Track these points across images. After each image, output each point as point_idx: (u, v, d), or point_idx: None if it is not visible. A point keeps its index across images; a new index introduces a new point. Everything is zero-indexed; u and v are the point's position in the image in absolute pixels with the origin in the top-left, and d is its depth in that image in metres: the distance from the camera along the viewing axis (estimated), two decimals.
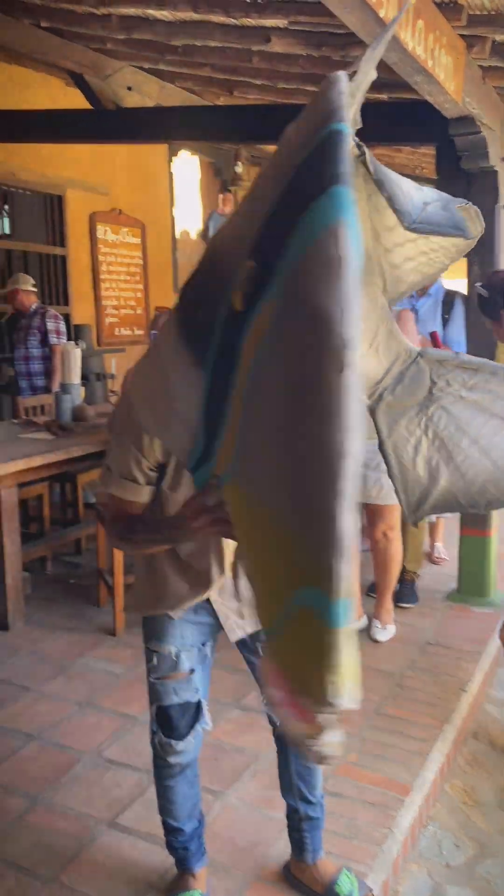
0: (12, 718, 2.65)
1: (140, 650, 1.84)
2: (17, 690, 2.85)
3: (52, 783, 2.29)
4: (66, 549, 4.40)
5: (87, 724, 2.63)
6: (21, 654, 3.15)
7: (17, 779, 2.31)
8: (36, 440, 3.65)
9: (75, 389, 4.06)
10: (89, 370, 6.29)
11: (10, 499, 3.31)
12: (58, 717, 2.66)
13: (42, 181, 6.58)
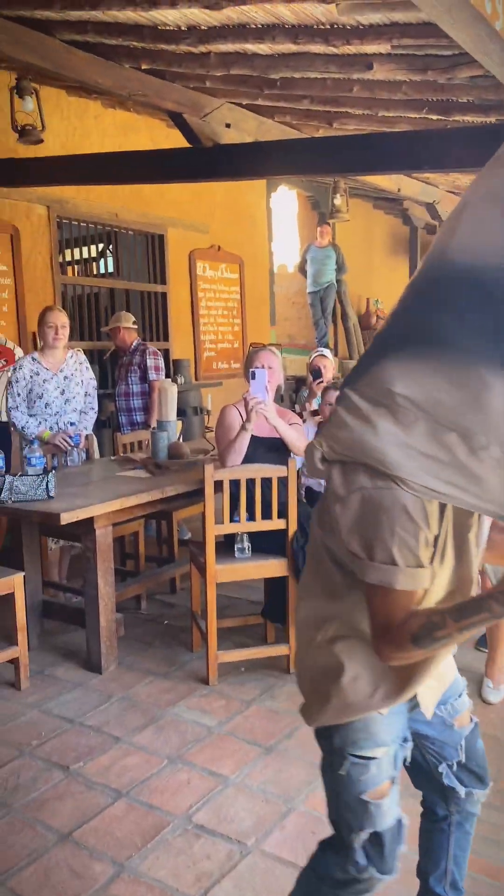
0: (102, 772, 2.55)
1: (234, 702, 1.69)
2: (107, 740, 2.76)
3: (139, 848, 2.16)
4: (161, 588, 4.33)
5: (177, 781, 2.49)
6: (113, 699, 3.07)
7: (103, 841, 2.20)
8: (131, 478, 3.61)
9: (171, 427, 4.01)
10: (187, 404, 6.31)
11: (105, 539, 3.26)
12: (147, 773, 2.54)
13: (144, 221, 6.73)
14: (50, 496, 3.15)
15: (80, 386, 4.11)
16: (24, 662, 3.18)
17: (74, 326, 6.38)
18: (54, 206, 5.88)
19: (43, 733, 2.81)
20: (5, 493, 3.14)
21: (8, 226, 5.52)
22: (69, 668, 3.37)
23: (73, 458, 3.98)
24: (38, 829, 2.26)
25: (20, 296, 5.59)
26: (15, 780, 2.51)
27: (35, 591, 3.60)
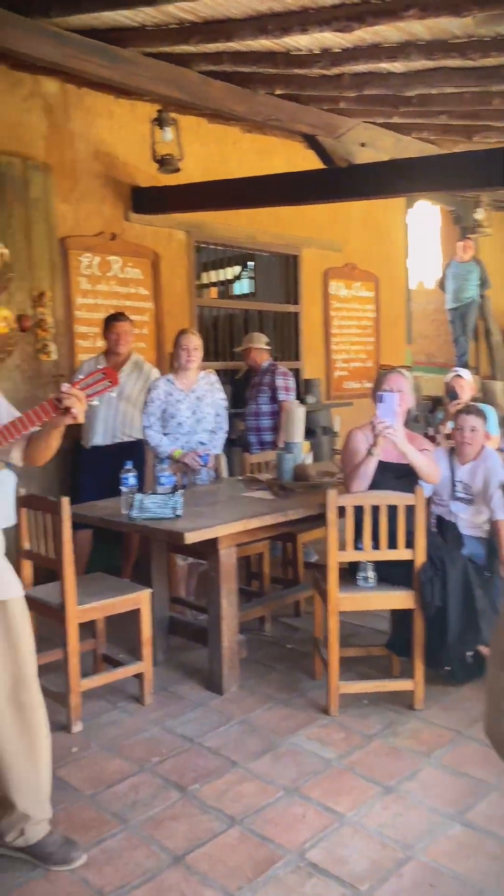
0: (218, 796, 2.55)
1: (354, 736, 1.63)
2: (224, 764, 2.75)
3: (250, 881, 2.12)
4: (286, 611, 4.30)
5: (292, 815, 2.44)
6: (232, 722, 3.07)
7: (215, 868, 2.18)
8: (256, 500, 3.62)
9: (297, 448, 3.99)
10: (317, 424, 6.27)
11: (229, 559, 3.28)
12: (262, 802, 2.51)
13: (279, 242, 6.80)
14: (177, 515, 3.21)
15: (211, 406, 4.18)
16: (148, 678, 3.25)
17: (209, 347, 6.53)
18: (193, 231, 6.06)
19: (164, 751, 2.85)
20: (135, 510, 3.24)
21: (150, 252, 5.75)
22: (192, 686, 3.41)
23: (202, 476, 4.05)
24: (153, 848, 2.28)
25: (159, 319, 5.80)
26: (134, 796, 2.55)
27: (162, 608, 3.69)
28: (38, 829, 2.20)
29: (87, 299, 5.36)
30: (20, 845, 2.19)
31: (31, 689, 2.17)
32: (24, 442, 2.17)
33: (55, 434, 2.14)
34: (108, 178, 5.51)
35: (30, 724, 2.16)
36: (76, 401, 2.02)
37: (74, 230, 5.31)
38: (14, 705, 2.13)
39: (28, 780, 2.17)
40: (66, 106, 5.24)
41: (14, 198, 4.82)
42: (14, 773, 2.15)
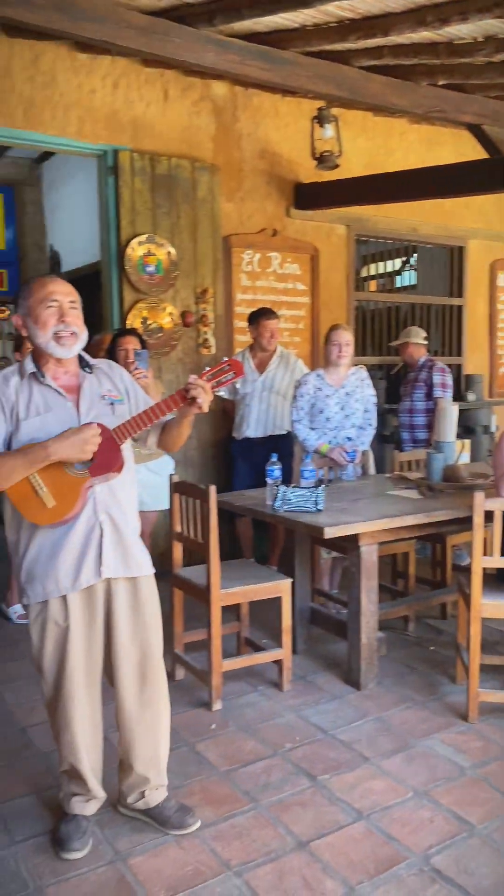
0: (347, 789, 2.58)
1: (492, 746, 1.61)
2: (356, 758, 2.77)
3: (371, 877, 2.14)
4: (431, 612, 4.22)
5: (420, 818, 2.42)
6: (367, 718, 3.08)
7: (337, 859, 2.22)
8: (402, 498, 3.58)
9: (448, 448, 3.89)
10: (476, 423, 6.07)
11: (370, 556, 3.28)
12: (391, 801, 2.51)
13: (444, 234, 6.62)
14: (318, 509, 3.26)
15: (360, 402, 4.18)
16: (287, 665, 3.33)
17: (366, 341, 6.50)
18: (354, 224, 6.05)
19: (297, 738, 2.92)
20: (279, 501, 3.32)
21: (309, 247, 5.81)
22: (330, 678, 3.46)
23: (348, 472, 4.07)
24: (280, 830, 2.35)
25: (315, 313, 5.86)
26: (266, 779, 2.64)
27: (304, 598, 3.76)
28: (156, 793, 2.36)
29: (246, 295, 5.53)
30: (140, 807, 2.36)
31: (157, 663, 2.30)
32: (158, 430, 2.31)
33: (185, 423, 2.25)
34: (272, 176, 5.63)
35: (153, 696, 2.30)
36: (202, 391, 2.11)
37: (238, 228, 5.49)
38: (140, 677, 2.27)
39: (148, 747, 2.32)
40: (234, 107, 5.41)
41: (182, 199, 5.06)
42: (136, 740, 2.30)
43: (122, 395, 2.27)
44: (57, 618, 2.16)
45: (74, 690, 2.20)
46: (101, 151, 4.92)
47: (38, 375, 2.15)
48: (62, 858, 2.22)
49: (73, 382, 2.21)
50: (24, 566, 2.17)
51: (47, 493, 2.06)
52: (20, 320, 2.17)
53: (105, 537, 2.15)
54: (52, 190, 7.45)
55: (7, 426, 2.11)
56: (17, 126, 4.62)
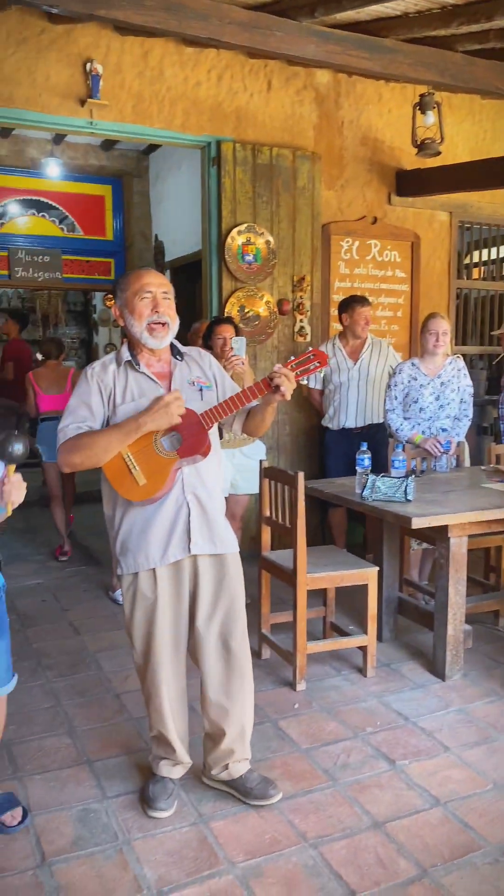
0: (425, 776, 2.61)
1: None
2: (436, 746, 2.79)
3: (445, 862, 2.17)
4: None
5: (499, 810, 2.42)
6: (450, 709, 3.08)
7: (412, 842, 2.26)
8: (496, 491, 3.53)
9: None
10: None
11: (459, 549, 3.26)
12: (470, 791, 2.52)
13: None
14: (407, 499, 3.27)
15: (456, 392, 4.13)
16: (371, 651, 3.37)
17: (468, 331, 6.36)
18: (457, 211, 5.93)
19: (378, 723, 2.97)
20: (367, 490, 3.35)
21: (410, 233, 5.74)
22: (414, 667, 3.47)
23: (441, 463, 4.04)
24: (356, 809, 2.42)
25: (415, 301, 5.79)
26: (345, 759, 2.71)
27: (392, 587, 3.77)
28: (240, 765, 2.46)
29: (344, 283, 5.53)
30: (224, 779, 2.47)
31: (241, 638, 2.39)
32: (243, 415, 2.41)
33: (269, 410, 2.33)
34: (374, 163, 5.59)
35: (238, 669, 2.39)
36: (286, 380, 2.18)
37: (337, 216, 5.50)
38: (225, 649, 2.37)
39: (234, 721, 2.41)
40: (337, 95, 5.41)
41: (282, 188, 5.12)
42: (222, 714, 2.39)
43: (210, 382, 2.37)
44: (146, 589, 2.30)
45: (162, 659, 2.33)
46: (205, 143, 5.05)
47: (134, 363, 2.28)
48: (149, 816, 2.36)
49: (165, 369, 2.33)
50: (118, 539, 2.32)
51: (139, 471, 2.19)
52: (117, 311, 2.31)
53: (192, 515, 2.26)
54: (157, 181, 7.68)
55: (105, 410, 2.25)
56: (127, 120, 4.80)
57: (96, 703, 3.15)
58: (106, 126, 4.77)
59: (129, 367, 2.29)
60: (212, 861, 2.17)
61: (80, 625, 4.03)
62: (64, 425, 2.24)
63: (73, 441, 2.20)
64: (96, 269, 7.97)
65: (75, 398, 2.28)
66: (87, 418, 2.24)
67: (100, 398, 2.26)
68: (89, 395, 2.26)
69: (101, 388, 2.26)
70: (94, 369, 2.30)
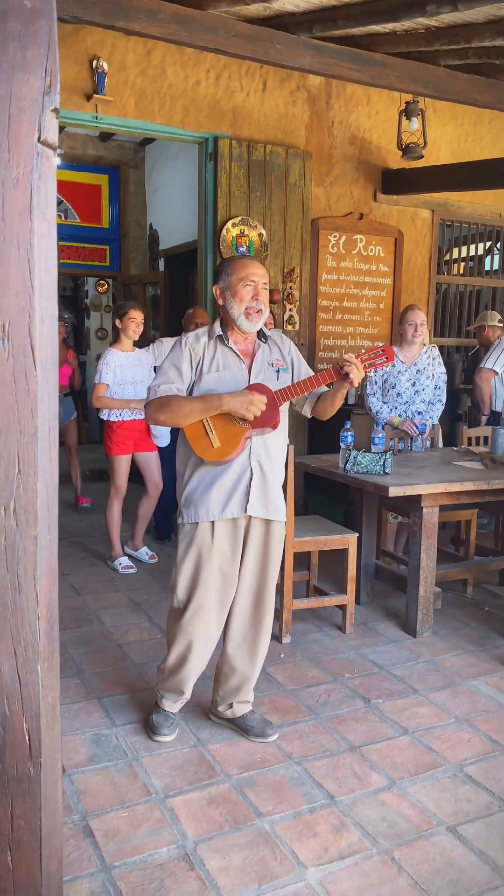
0: (396, 712, 2.96)
1: None
2: (406, 689, 3.15)
3: (411, 775, 2.53)
4: (490, 578, 4.52)
5: (459, 738, 2.78)
6: (420, 660, 3.44)
7: (384, 761, 2.61)
8: (465, 468, 3.89)
9: None
10: None
11: (431, 518, 3.62)
12: (434, 723, 2.88)
13: None
14: (385, 472, 3.61)
15: (431, 379, 4.47)
16: (350, 610, 3.72)
17: (447, 324, 6.73)
18: (438, 209, 6.27)
19: (355, 670, 3.32)
20: (350, 463, 3.69)
21: (394, 230, 6.08)
22: (388, 626, 3.83)
23: (417, 444, 4.39)
24: (335, 737, 2.76)
25: (397, 295, 6.14)
26: (325, 698, 3.06)
27: (369, 554, 4.12)
28: (243, 706, 2.78)
29: (330, 276, 5.86)
30: (228, 717, 2.79)
31: (270, 595, 2.69)
32: (313, 399, 2.70)
33: (338, 396, 2.59)
34: (361, 162, 5.92)
35: (261, 618, 2.70)
36: (355, 369, 2.48)
37: (326, 212, 5.82)
38: (255, 603, 2.68)
39: (247, 664, 2.73)
40: (328, 97, 5.72)
41: (275, 184, 5.43)
42: (238, 656, 2.71)
43: (287, 365, 2.66)
44: (203, 538, 2.54)
45: (205, 602, 2.58)
46: (203, 139, 5.34)
47: (224, 338, 2.56)
48: (154, 740, 2.69)
49: (250, 349, 2.59)
50: (184, 492, 2.59)
51: (215, 436, 2.48)
52: (219, 291, 2.57)
53: (254, 480, 2.52)
54: (153, 171, 7.94)
55: (192, 375, 2.53)
56: (129, 116, 5.08)
57: (101, 651, 3.47)
58: (110, 120, 5.05)
59: (219, 342, 2.54)
60: (210, 773, 2.51)
61: (81, 587, 4.35)
62: (155, 384, 2.52)
63: (162, 400, 2.47)
64: (91, 256, 8.23)
65: (168, 361, 2.54)
66: (174, 380, 2.50)
67: (189, 364, 2.53)
68: (181, 360, 2.52)
69: (191, 355, 2.54)
70: (189, 339, 2.55)
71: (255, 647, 2.73)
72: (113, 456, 4.66)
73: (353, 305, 5.98)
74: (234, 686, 2.75)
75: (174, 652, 2.66)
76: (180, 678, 2.69)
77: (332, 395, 2.62)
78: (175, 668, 2.68)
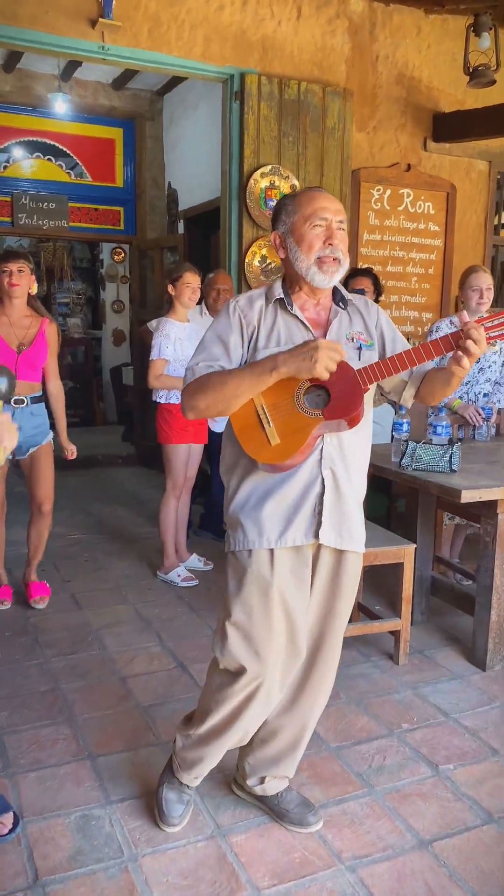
0: (474, 785, 2.28)
1: None
2: (483, 749, 2.47)
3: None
4: None
5: None
6: (495, 704, 2.76)
7: (465, 866, 1.94)
8: None
9: None
10: None
11: None
12: None
13: None
14: (453, 470, 2.91)
15: (498, 355, 3.74)
16: (404, 637, 3.04)
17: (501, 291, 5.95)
18: (496, 160, 5.48)
19: (415, 719, 2.65)
20: (406, 458, 2.99)
21: (446, 184, 5.30)
22: (450, 654, 3.15)
23: (481, 431, 3.67)
24: (398, 823, 2.10)
25: (448, 257, 5.37)
26: (381, 761, 2.39)
27: (424, 566, 3.44)
28: (279, 782, 2.11)
29: (373, 235, 5.12)
30: (258, 793, 2.12)
31: (334, 648, 1.99)
32: (417, 382, 1.92)
33: (454, 380, 1.80)
34: (409, 104, 5.14)
35: (319, 680, 2.01)
36: (474, 342, 1.66)
37: (368, 161, 5.07)
38: (312, 657, 1.98)
39: (293, 731, 2.04)
40: (372, 26, 4.94)
41: (311, 127, 4.68)
42: (283, 720, 2.03)
43: (373, 340, 1.89)
44: (261, 572, 1.83)
45: (268, 665, 1.86)
46: (227, 75, 4.60)
47: (286, 303, 1.84)
48: (161, 829, 2.04)
49: (323, 317, 1.88)
50: (230, 508, 1.88)
51: (273, 428, 1.76)
52: (279, 239, 1.86)
53: (326, 495, 1.82)
54: (172, 124, 7.19)
55: (244, 351, 1.83)
56: (142, 46, 4.36)
57: (99, 687, 2.83)
58: (119, 52, 4.33)
59: (280, 307, 1.85)
60: (232, 886, 1.86)
61: (83, 598, 3.71)
62: (192, 363, 1.84)
63: (200, 381, 1.79)
64: (105, 218, 7.52)
65: (210, 332, 1.86)
66: (220, 357, 1.82)
67: (239, 337, 1.83)
68: (228, 330, 1.83)
69: (242, 324, 1.83)
70: (239, 303, 1.86)
71: (307, 715, 2.04)
72: (171, 445, 3.89)
73: (399, 270, 5.22)
74: (272, 755, 2.08)
75: (212, 720, 1.94)
76: (210, 750, 2.00)
77: (445, 376, 1.81)
78: (207, 738, 1.98)
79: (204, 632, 3.34)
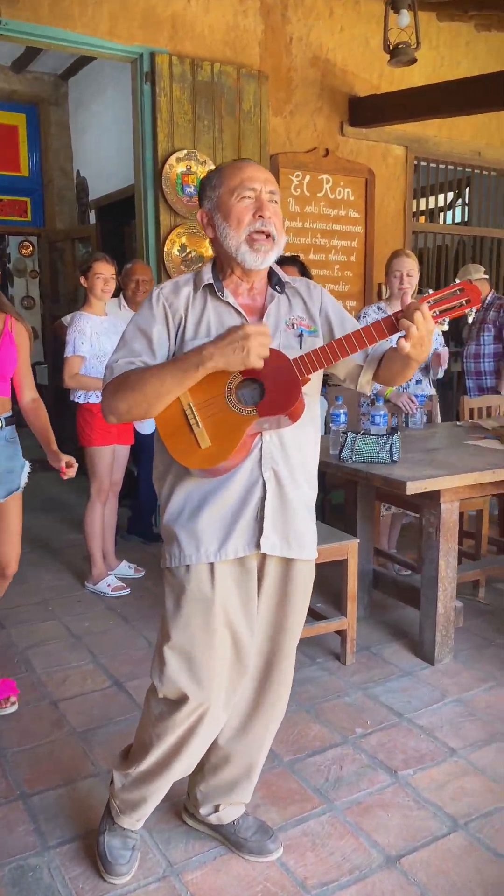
0: (435, 789, 2.18)
1: None
2: (440, 749, 2.37)
3: None
4: (499, 576, 3.80)
5: None
6: (447, 700, 2.68)
7: (436, 881, 1.83)
8: (483, 449, 3.12)
9: None
10: None
11: (451, 516, 2.84)
12: (489, 805, 2.11)
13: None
14: (394, 460, 2.81)
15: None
16: (351, 636, 2.93)
17: (425, 278, 5.94)
18: (413, 145, 5.45)
19: (369, 722, 2.53)
20: (347, 450, 2.87)
21: (364, 169, 5.23)
22: (397, 650, 3.06)
23: (415, 419, 3.61)
24: (362, 840, 1.97)
25: (369, 244, 5.31)
26: (337, 772, 2.26)
27: (366, 559, 3.34)
28: (234, 809, 1.95)
29: (294, 223, 4.99)
30: (212, 822, 1.95)
31: (286, 666, 1.83)
32: (374, 364, 1.74)
33: (410, 366, 1.64)
34: (325, 87, 5.03)
35: (272, 700, 1.84)
36: (416, 323, 1.48)
37: (286, 146, 4.93)
38: (263, 675, 1.82)
39: (246, 755, 1.88)
40: (284, 7, 4.81)
41: (226, 111, 4.51)
42: (236, 744, 1.86)
43: (317, 326, 1.71)
44: (201, 589, 1.65)
45: (212, 691, 1.68)
46: (136, 54, 4.37)
47: (216, 288, 1.65)
48: (107, 881, 1.83)
49: (259, 303, 1.70)
50: (164, 520, 1.69)
51: (203, 430, 1.57)
52: (205, 216, 1.66)
53: (268, 500, 1.64)
54: (79, 109, 6.86)
55: (170, 344, 1.64)
56: (42, 22, 4.06)
57: (28, 714, 2.59)
58: (17, 27, 4.02)
59: (210, 294, 1.66)
60: None
61: (6, 615, 3.44)
62: (111, 361, 1.64)
63: (119, 380, 1.59)
64: (10, 210, 7.11)
65: (132, 325, 1.66)
66: (141, 352, 1.62)
67: (164, 328, 1.64)
68: (151, 322, 1.64)
69: (168, 314, 1.64)
70: (164, 290, 1.66)
71: (261, 737, 1.88)
72: (94, 447, 3.63)
73: (321, 258, 5.12)
74: (226, 782, 1.91)
75: (153, 755, 1.74)
76: (154, 788, 1.80)
77: (403, 359, 1.61)
78: (149, 775, 1.78)
79: (139, 644, 3.14)
